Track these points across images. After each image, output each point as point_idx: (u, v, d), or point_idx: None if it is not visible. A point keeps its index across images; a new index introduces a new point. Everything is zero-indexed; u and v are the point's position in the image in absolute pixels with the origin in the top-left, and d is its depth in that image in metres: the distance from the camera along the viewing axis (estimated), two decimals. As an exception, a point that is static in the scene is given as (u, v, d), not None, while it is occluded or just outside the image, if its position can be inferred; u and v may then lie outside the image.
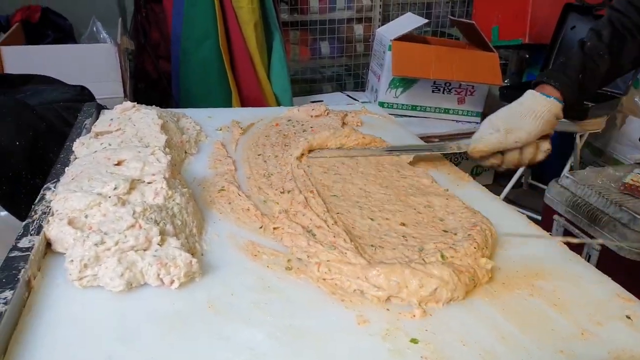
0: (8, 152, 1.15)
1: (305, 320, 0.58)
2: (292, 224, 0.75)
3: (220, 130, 1.15)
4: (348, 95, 2.90)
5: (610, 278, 0.69)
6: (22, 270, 0.59)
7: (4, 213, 1.19)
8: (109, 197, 0.71)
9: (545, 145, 1.00)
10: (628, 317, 0.61)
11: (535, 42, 2.67)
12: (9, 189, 1.17)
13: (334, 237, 0.70)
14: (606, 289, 0.67)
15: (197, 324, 0.57)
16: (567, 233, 2.06)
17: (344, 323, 0.58)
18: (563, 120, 2.21)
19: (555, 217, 2.16)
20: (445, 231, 0.74)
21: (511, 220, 0.82)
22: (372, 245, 0.70)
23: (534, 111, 0.96)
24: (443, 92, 2.60)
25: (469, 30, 2.63)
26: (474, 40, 2.63)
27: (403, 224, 0.76)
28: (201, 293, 0.62)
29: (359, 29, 3.20)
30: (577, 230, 2.01)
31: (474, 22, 2.54)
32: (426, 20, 2.61)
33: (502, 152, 0.99)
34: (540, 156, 1.00)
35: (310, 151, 1.01)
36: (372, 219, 0.77)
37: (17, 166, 1.17)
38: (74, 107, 1.28)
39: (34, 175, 1.20)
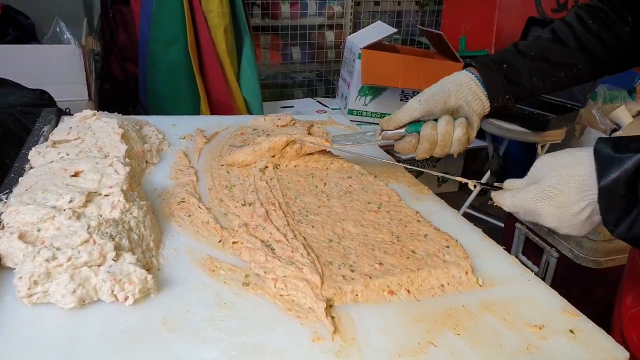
0: (-38, 158, 1.11)
1: (261, 338, 0.58)
2: (251, 238, 0.75)
3: (184, 138, 1.14)
4: (319, 102, 2.91)
5: (557, 293, 0.71)
6: (-31, 287, 0.58)
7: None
8: (64, 210, 0.69)
9: (462, 122, 0.89)
10: (571, 332, 0.64)
11: (501, 53, 2.73)
12: (-37, 195, 1.13)
13: (292, 251, 0.71)
14: (553, 304, 0.69)
15: (150, 342, 0.56)
16: (528, 241, 2.12)
17: (298, 340, 0.59)
18: (525, 130, 2.29)
19: (517, 225, 2.23)
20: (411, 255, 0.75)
21: (467, 234, 0.84)
22: (329, 262, 0.70)
23: (447, 80, 0.94)
24: (411, 101, 2.64)
25: (437, 40, 2.67)
26: (442, 49, 2.67)
27: (365, 244, 0.76)
28: (156, 310, 0.61)
29: (330, 36, 3.22)
30: (537, 238, 2.07)
31: (441, 32, 2.59)
32: (395, 30, 2.64)
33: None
34: (458, 132, 0.89)
35: (276, 165, 1.01)
36: (331, 240, 0.77)
37: (-29, 172, 1.13)
38: (32, 111, 1.25)
39: (-11, 181, 1.17)
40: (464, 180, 0.88)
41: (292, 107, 2.83)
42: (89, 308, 0.61)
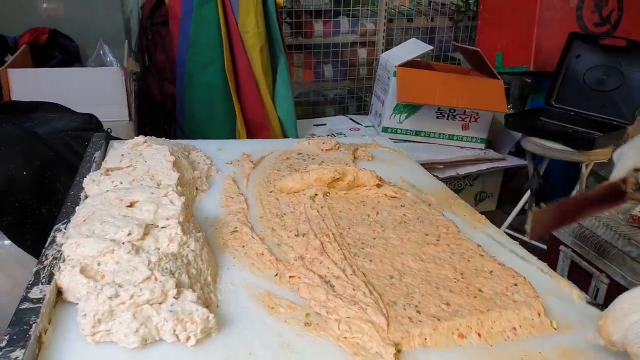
0: (15, 182, 1.14)
1: (328, 384, 0.56)
2: (308, 273, 0.73)
3: (231, 163, 1.13)
4: (351, 119, 2.90)
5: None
6: (34, 325, 0.57)
7: (8, 242, 1.17)
8: (123, 243, 0.69)
9: None
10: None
11: (540, 69, 2.67)
12: (14, 219, 1.15)
13: (354, 289, 0.68)
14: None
15: (216, 387, 0.55)
16: (573, 265, 2.04)
17: (367, 386, 0.56)
18: (569, 149, 2.22)
19: (562, 248, 2.14)
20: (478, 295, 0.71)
21: (532, 270, 0.80)
22: (393, 302, 0.67)
23: None
24: (447, 118, 2.60)
25: (473, 57, 2.64)
26: (478, 66, 2.63)
27: (429, 282, 0.73)
28: (218, 351, 0.60)
29: (362, 53, 3.21)
30: (584, 263, 1.99)
31: (478, 49, 2.55)
32: (430, 47, 2.62)
33: None
34: None
35: (326, 192, 0.99)
36: (392, 276, 0.74)
37: (23, 196, 1.15)
38: (82, 136, 1.27)
39: (40, 205, 1.18)
40: None
41: (325, 124, 2.83)
42: (151, 348, 0.59)
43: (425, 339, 0.62)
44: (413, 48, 2.64)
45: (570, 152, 2.23)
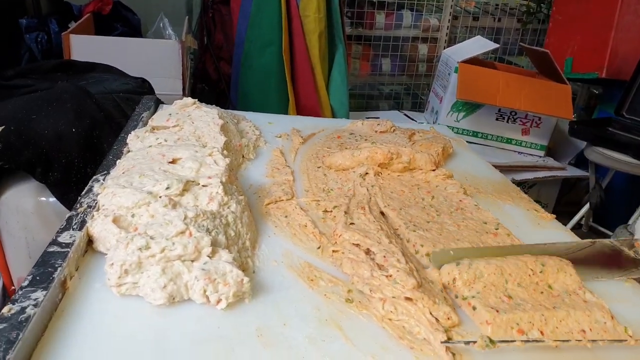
0: (65, 138, 1.13)
1: (368, 367, 0.49)
2: (353, 248, 0.67)
3: (280, 137, 1.08)
4: (405, 115, 2.80)
5: None
6: (59, 269, 0.53)
7: (53, 199, 1.17)
8: (160, 197, 0.65)
9: None
10: None
11: (614, 77, 2.49)
12: (61, 175, 1.14)
13: (385, 257, 0.62)
14: None
15: (245, 355, 0.49)
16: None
17: (411, 376, 0.49)
18: (634, 162, 2.06)
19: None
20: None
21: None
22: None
23: None
24: (507, 121, 2.47)
25: (540, 60, 2.49)
26: (545, 70, 2.49)
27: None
28: (250, 318, 0.54)
29: (423, 49, 3.11)
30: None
31: (548, 50, 2.40)
32: (496, 45, 2.49)
33: None
34: None
35: (378, 172, 0.92)
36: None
37: (71, 153, 1.14)
38: (133, 98, 1.25)
39: (86, 164, 1.17)
40: None
41: (378, 117, 2.75)
42: (178, 307, 0.55)
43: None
44: (477, 45, 2.52)
45: (634, 165, 2.06)
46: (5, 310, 0.46)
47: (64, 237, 0.59)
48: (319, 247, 0.69)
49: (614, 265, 0.70)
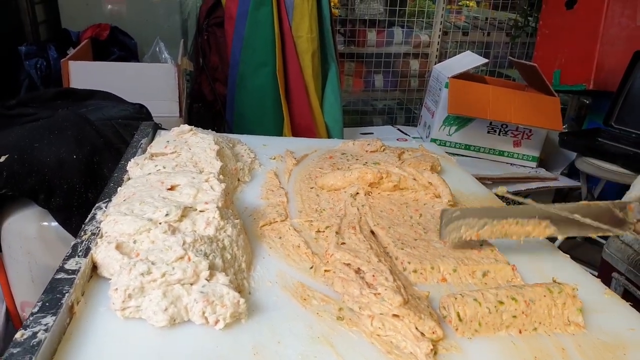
0: (66, 165, 1.17)
1: (357, 381, 0.53)
2: (344, 267, 0.70)
3: (274, 159, 1.12)
4: (399, 130, 2.85)
5: None
6: (66, 294, 0.57)
7: (55, 224, 1.20)
8: (160, 223, 0.68)
9: None
10: None
11: (600, 89, 2.55)
12: (63, 201, 1.18)
13: (374, 276, 0.65)
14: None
15: (241, 373, 0.53)
16: (627, 293, 1.92)
17: (398, 388, 0.53)
18: (628, 172, 2.10)
19: (615, 275, 2.02)
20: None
21: (586, 286, 0.75)
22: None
23: None
24: (499, 134, 2.52)
25: (529, 73, 2.55)
26: (534, 83, 2.54)
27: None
28: (247, 337, 0.58)
29: (415, 64, 3.17)
30: (639, 292, 1.86)
31: (535, 64, 2.46)
32: (485, 60, 2.55)
33: None
34: None
35: (368, 192, 0.96)
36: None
37: (72, 179, 1.18)
38: (131, 124, 1.30)
39: (87, 189, 1.21)
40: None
41: (372, 133, 2.80)
42: (179, 328, 0.58)
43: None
44: (467, 60, 2.58)
45: (629, 175, 2.10)
46: (18, 335, 0.50)
47: (70, 264, 0.63)
48: (311, 267, 0.73)
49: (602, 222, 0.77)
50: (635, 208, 0.79)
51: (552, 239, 0.91)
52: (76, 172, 1.18)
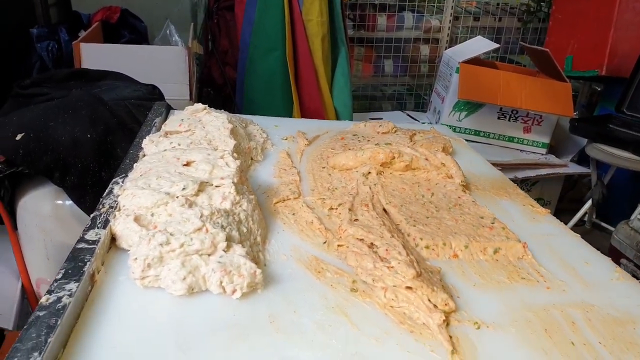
0: (81, 144, 1.18)
1: (372, 350, 0.54)
2: (357, 242, 0.71)
3: (286, 139, 1.13)
4: (408, 115, 2.85)
5: None
6: (88, 263, 0.58)
7: (69, 202, 1.22)
8: (177, 197, 0.70)
9: None
10: None
11: (613, 74, 2.53)
12: (77, 179, 1.19)
13: (387, 250, 0.66)
14: None
15: (259, 339, 0.54)
16: (635, 279, 1.92)
17: (413, 357, 0.54)
18: (634, 158, 2.09)
19: (623, 261, 2.02)
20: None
21: (596, 263, 0.75)
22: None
23: None
24: (509, 120, 2.51)
25: (541, 58, 2.52)
26: (545, 68, 2.52)
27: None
28: (263, 306, 0.59)
29: (425, 50, 3.15)
30: (648, 278, 1.86)
31: (547, 50, 2.44)
32: (497, 45, 2.53)
33: None
34: None
35: (380, 172, 0.97)
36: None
37: (86, 158, 1.19)
38: (144, 105, 1.31)
39: (100, 168, 1.23)
40: None
41: (381, 118, 2.79)
42: (197, 297, 0.59)
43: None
44: (478, 45, 2.56)
45: (636, 161, 2.09)
46: (43, 300, 0.51)
47: (90, 235, 0.64)
48: (325, 242, 0.74)
49: None
50: None
51: (565, 220, 0.92)
52: (90, 151, 1.20)
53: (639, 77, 2.33)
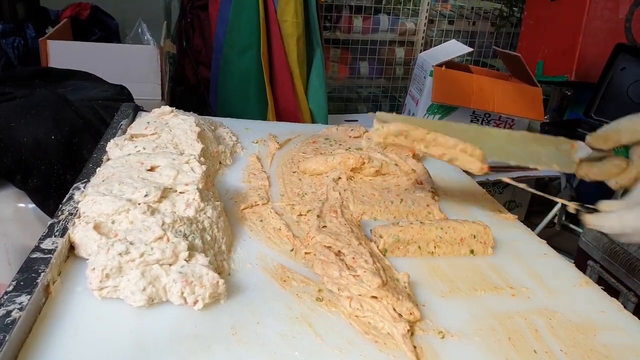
0: (44, 145, 1.15)
1: (335, 361, 0.53)
2: (324, 250, 0.71)
3: (257, 143, 1.12)
4: (383, 118, 2.85)
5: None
6: (42, 274, 0.56)
7: (32, 206, 1.18)
8: (139, 204, 0.68)
9: None
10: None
11: (582, 80, 2.58)
12: (40, 182, 1.16)
13: (354, 258, 0.66)
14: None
15: (220, 352, 0.53)
16: (601, 281, 1.96)
17: (376, 368, 0.53)
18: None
19: (590, 263, 2.06)
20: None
21: (560, 271, 0.76)
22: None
23: None
24: (482, 123, 2.54)
25: (513, 63, 2.57)
26: (517, 73, 2.56)
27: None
28: (225, 317, 0.58)
29: (400, 52, 3.17)
30: (612, 279, 1.91)
31: (519, 54, 2.48)
32: (470, 49, 2.56)
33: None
34: None
35: (350, 177, 0.96)
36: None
37: (50, 160, 1.16)
38: (112, 105, 1.28)
39: (65, 171, 1.19)
40: (564, 202, 0.79)
41: (357, 120, 2.80)
42: (157, 308, 0.58)
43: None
44: (452, 49, 2.59)
45: (607, 166, 2.13)
46: (-9, 314, 0.49)
47: (46, 244, 0.62)
48: (292, 250, 0.73)
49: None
50: (578, 146, 0.80)
51: (535, 222, 0.93)
52: (54, 153, 1.16)
53: (606, 82, 2.39)
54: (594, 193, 2.67)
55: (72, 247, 0.65)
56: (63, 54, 1.76)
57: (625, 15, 2.55)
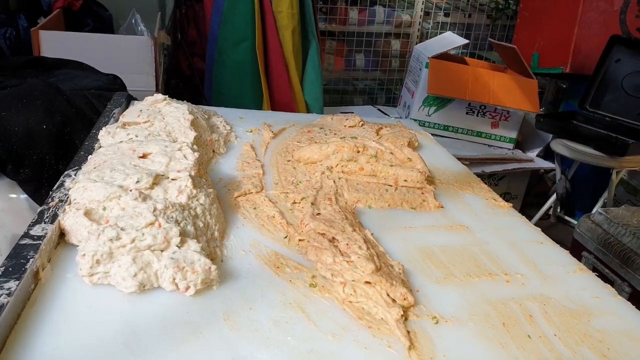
0: (35, 135, 1.13)
1: (329, 346, 0.53)
2: (318, 236, 0.70)
3: (251, 132, 1.11)
4: (379, 110, 2.85)
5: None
6: (31, 260, 0.55)
7: (24, 196, 1.17)
8: (130, 190, 0.67)
9: None
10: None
11: (577, 72, 2.58)
12: (32, 172, 1.15)
13: (347, 244, 0.66)
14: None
15: (212, 338, 0.52)
16: (596, 271, 1.96)
17: (370, 354, 0.53)
18: (600, 154, 2.14)
19: (584, 253, 2.07)
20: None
21: (553, 256, 0.76)
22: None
23: None
24: (477, 115, 2.54)
25: (509, 55, 2.56)
26: (513, 65, 2.56)
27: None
28: (218, 303, 0.57)
29: (396, 44, 3.16)
30: (606, 270, 1.91)
31: (515, 46, 2.48)
32: (466, 41, 2.55)
33: None
34: None
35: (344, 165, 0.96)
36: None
37: (42, 150, 1.15)
38: (104, 95, 1.26)
39: (57, 161, 1.18)
40: None
41: (352, 113, 2.78)
42: (149, 294, 0.57)
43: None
44: (447, 41, 2.58)
45: (601, 157, 2.14)
46: (-21, 299, 0.48)
47: (36, 230, 0.61)
48: (285, 237, 0.72)
49: None
50: None
51: (531, 214, 0.92)
52: (46, 143, 1.15)
53: (601, 74, 2.39)
54: (587, 183, 2.68)
55: (62, 234, 0.64)
56: (55, 44, 1.74)
57: (620, 7, 2.55)
